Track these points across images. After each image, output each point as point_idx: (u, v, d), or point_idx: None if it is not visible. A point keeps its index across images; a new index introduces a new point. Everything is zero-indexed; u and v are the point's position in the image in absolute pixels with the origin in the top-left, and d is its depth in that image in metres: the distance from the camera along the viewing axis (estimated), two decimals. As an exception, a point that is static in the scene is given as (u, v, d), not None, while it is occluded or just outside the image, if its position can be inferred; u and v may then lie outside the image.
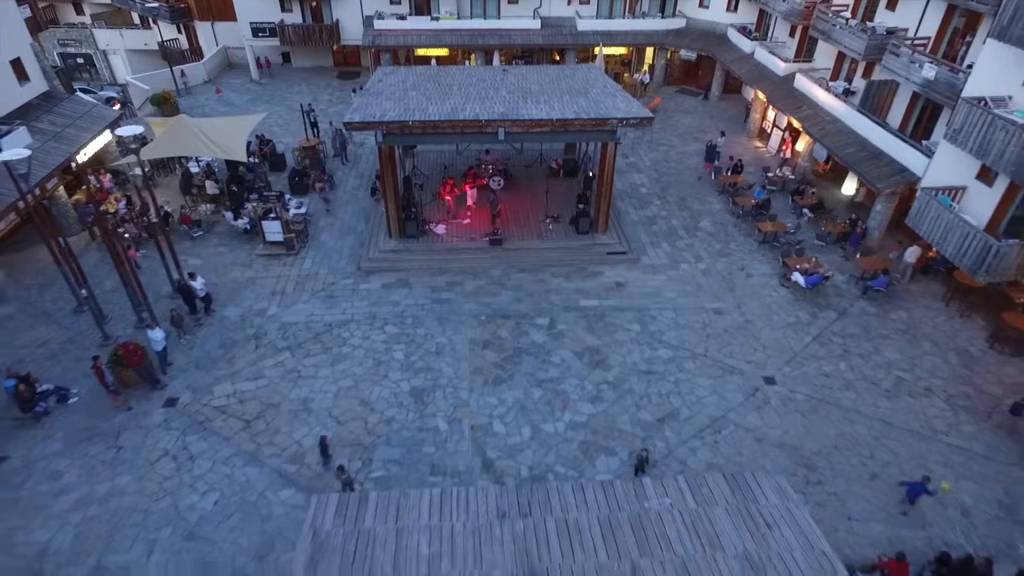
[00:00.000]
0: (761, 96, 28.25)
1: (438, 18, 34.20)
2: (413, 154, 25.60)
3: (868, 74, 23.63)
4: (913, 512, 12.98)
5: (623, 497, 8.39)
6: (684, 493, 8.47)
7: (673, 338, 17.58)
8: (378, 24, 33.34)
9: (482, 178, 23.47)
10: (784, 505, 8.31)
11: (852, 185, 24.16)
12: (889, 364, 16.78)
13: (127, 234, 20.43)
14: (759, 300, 19.14)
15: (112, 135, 23.69)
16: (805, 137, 25.20)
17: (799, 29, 28.47)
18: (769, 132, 28.99)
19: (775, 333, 17.83)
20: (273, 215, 20.50)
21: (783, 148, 27.72)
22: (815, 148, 24.28)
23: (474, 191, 22.91)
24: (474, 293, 19.25)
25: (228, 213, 21.62)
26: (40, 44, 24.25)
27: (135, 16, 41.25)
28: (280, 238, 20.52)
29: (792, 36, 29.35)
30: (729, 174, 25.41)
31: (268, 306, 18.58)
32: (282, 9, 35.19)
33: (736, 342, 17.50)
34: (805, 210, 23.05)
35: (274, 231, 20.44)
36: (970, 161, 16.73)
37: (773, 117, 28.55)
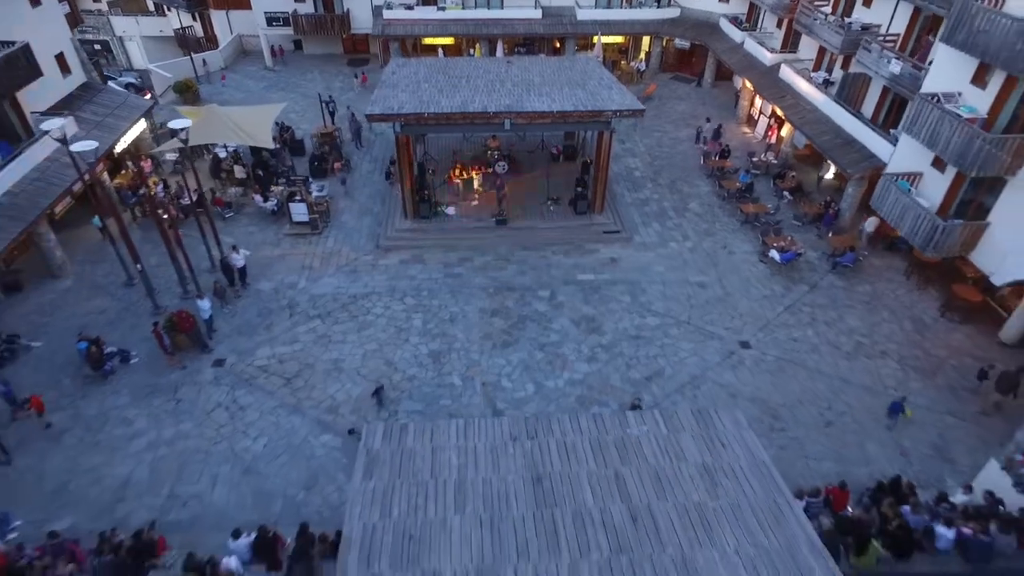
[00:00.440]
0: (749, 85, 30.09)
1: (444, 8, 35.81)
2: (424, 140, 27.51)
3: (846, 66, 25.46)
4: (889, 437, 15.55)
5: (610, 426, 10.54)
6: (659, 423, 10.63)
7: (660, 308, 19.74)
8: (387, 14, 34.99)
9: (488, 164, 25.42)
10: (737, 431, 10.47)
11: (832, 169, 26.12)
12: (851, 330, 18.97)
13: (166, 215, 22.42)
14: (739, 275, 21.27)
15: (146, 123, 25.73)
16: (788, 124, 27.10)
17: (785, 21, 30.20)
18: (756, 119, 30.86)
19: (751, 304, 19.99)
20: (299, 197, 22.52)
21: (768, 134, 29.62)
22: (796, 135, 26.21)
23: (481, 175, 24.92)
24: (482, 268, 21.36)
25: (257, 196, 23.63)
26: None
27: (150, 3, 42.72)
28: (305, 218, 22.56)
29: (779, 28, 31.09)
30: (717, 159, 27.37)
31: (298, 280, 20.70)
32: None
33: (716, 311, 19.66)
34: (785, 193, 25.07)
35: (300, 212, 22.48)
36: (925, 150, 18.73)
37: (760, 105, 30.39)
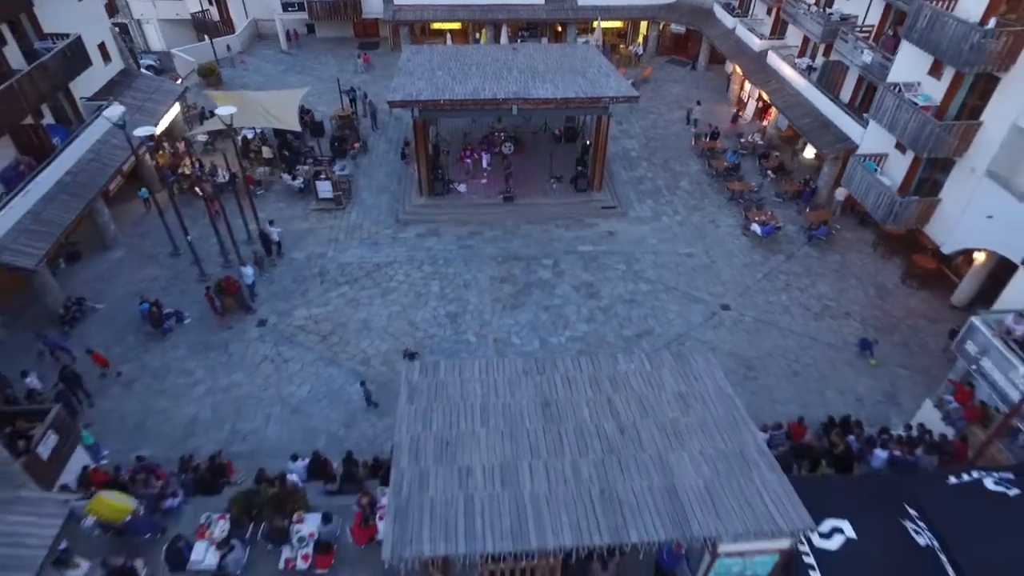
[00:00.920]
0: (739, 71, 32.05)
1: (452, -7, 37.62)
2: (436, 123, 29.54)
3: (828, 54, 27.45)
4: (847, 385, 18.02)
5: (604, 365, 12.90)
6: (644, 362, 13.01)
7: (652, 275, 22.08)
8: (397, 0, 36.80)
9: (496, 144, 27.54)
10: (708, 368, 12.87)
11: (812, 150, 28.24)
12: (821, 295, 21.34)
13: (201, 192, 24.64)
14: (723, 246, 23.57)
15: (179, 106, 27.79)
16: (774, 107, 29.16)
17: (774, 9, 32.03)
18: (745, 102, 32.88)
19: (733, 272, 22.33)
20: (324, 176, 24.72)
21: (757, 116, 31.68)
22: (780, 117, 28.29)
23: (489, 155, 27.08)
24: (492, 240, 23.66)
25: (285, 175, 25.82)
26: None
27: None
28: (330, 195, 24.79)
29: (769, 15, 32.94)
30: (707, 140, 29.49)
31: (326, 251, 23.01)
32: (310, -16, 38.59)
33: (702, 279, 22.00)
34: (769, 172, 27.25)
35: (325, 190, 24.70)
36: (889, 134, 20.89)
37: (749, 88, 32.37)
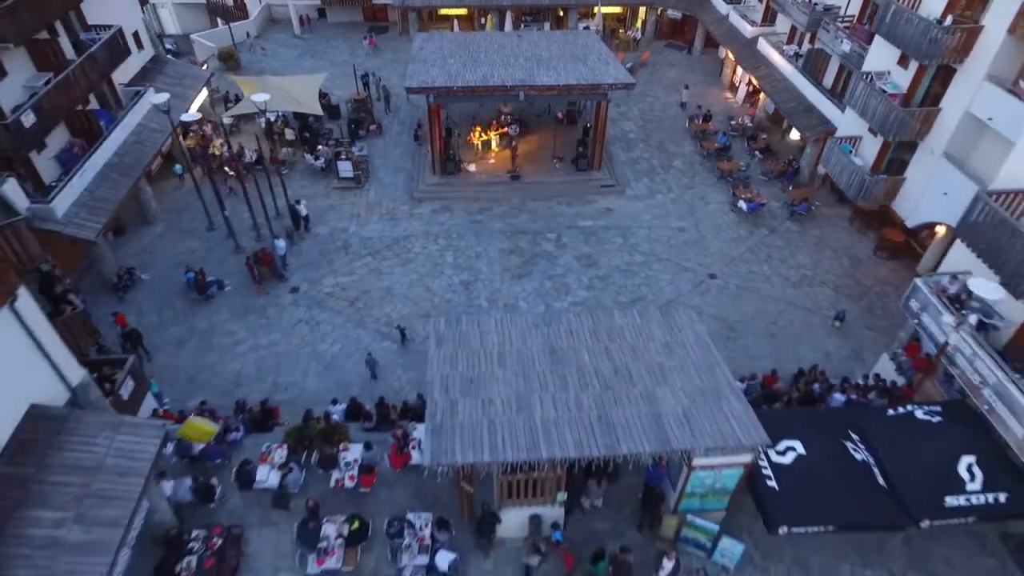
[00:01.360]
0: (731, 56, 33.87)
1: (458, -20, 39.23)
2: (447, 107, 31.43)
3: (813, 42, 29.26)
4: (819, 343, 20.23)
5: (602, 319, 15.13)
6: (636, 317, 15.20)
7: (646, 248, 24.23)
8: (406, -14, 38.45)
9: (503, 127, 29.49)
10: (690, 322, 15.08)
11: (796, 132, 30.22)
12: (799, 266, 23.52)
13: (234, 172, 26.64)
14: (712, 221, 25.69)
15: (206, 91, 29.64)
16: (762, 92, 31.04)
17: (765, -3, 33.77)
18: (737, 85, 34.73)
19: (720, 244, 24.47)
20: (344, 156, 26.73)
21: (749, 99, 33.55)
22: (768, 101, 30.21)
23: (497, 137, 29.05)
24: (500, 216, 25.76)
25: (308, 155, 27.83)
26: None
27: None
28: (351, 174, 26.81)
29: (760, 2, 34.64)
30: (700, 122, 31.44)
31: (349, 225, 25.12)
32: (320, -29, 40.16)
33: (691, 251, 24.16)
34: (756, 152, 29.26)
35: (346, 169, 26.72)
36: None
37: (740, 73, 34.20)
